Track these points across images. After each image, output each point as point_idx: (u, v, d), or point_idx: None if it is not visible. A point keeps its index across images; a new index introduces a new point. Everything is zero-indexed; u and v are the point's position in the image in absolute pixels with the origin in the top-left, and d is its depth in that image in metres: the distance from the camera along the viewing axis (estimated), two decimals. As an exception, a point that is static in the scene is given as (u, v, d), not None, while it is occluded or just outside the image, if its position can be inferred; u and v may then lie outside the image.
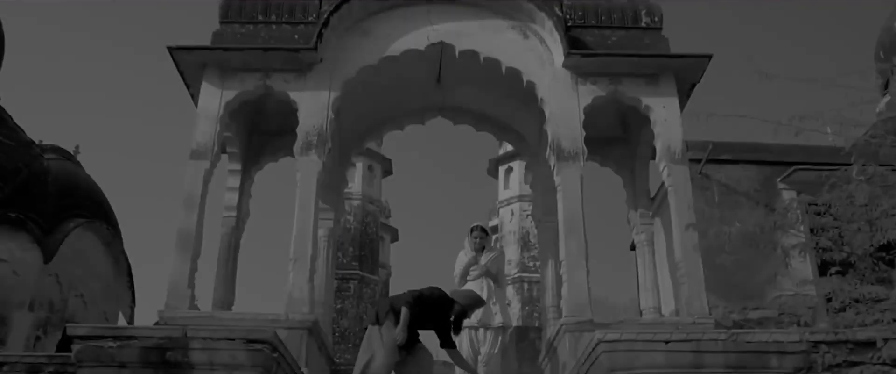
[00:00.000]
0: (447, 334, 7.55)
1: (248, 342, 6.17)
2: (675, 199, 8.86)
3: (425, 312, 7.29)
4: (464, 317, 7.65)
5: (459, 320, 7.60)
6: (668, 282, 10.20)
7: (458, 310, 7.53)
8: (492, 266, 9.06)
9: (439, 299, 7.46)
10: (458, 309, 7.53)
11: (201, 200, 8.89)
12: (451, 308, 7.49)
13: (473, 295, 7.88)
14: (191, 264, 8.56)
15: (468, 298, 7.71)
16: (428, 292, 7.46)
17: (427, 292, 7.44)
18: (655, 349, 6.19)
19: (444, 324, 7.51)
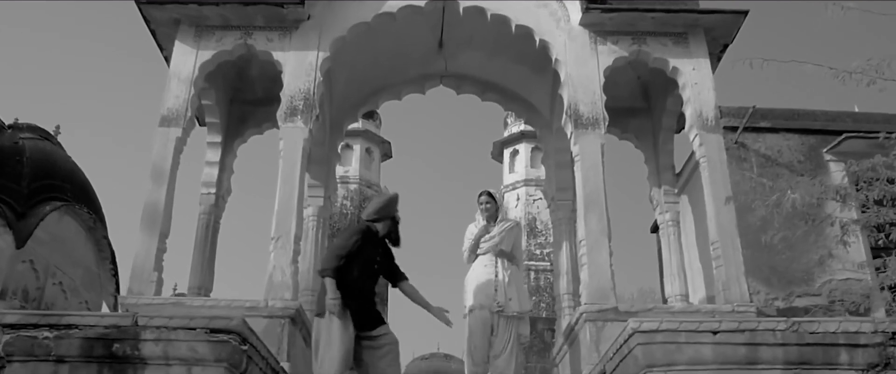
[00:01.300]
0: (392, 265, 6.52)
1: (211, 332, 5.13)
2: (709, 171, 7.82)
3: (355, 262, 6.13)
4: (392, 226, 6.46)
5: (392, 234, 6.48)
6: (697, 266, 9.17)
7: (375, 225, 6.38)
8: (505, 239, 7.53)
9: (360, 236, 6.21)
10: (374, 226, 6.37)
11: (171, 171, 7.86)
12: (374, 233, 6.36)
13: (379, 198, 6.86)
14: (158, 244, 7.54)
15: (374, 204, 6.56)
16: (340, 240, 6.28)
17: (340, 242, 6.26)
18: (701, 342, 5.15)
19: (385, 256, 6.45)
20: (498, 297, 7.23)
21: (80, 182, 15.07)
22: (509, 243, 7.59)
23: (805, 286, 7.57)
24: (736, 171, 8.02)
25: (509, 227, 7.70)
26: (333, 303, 5.90)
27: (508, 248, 7.56)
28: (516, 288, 7.32)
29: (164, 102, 8.14)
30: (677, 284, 8.96)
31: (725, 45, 8.59)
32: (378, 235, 6.39)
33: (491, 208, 7.67)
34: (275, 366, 6.11)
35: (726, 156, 7.95)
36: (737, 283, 7.32)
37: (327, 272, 6.03)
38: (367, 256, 6.24)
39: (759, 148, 8.14)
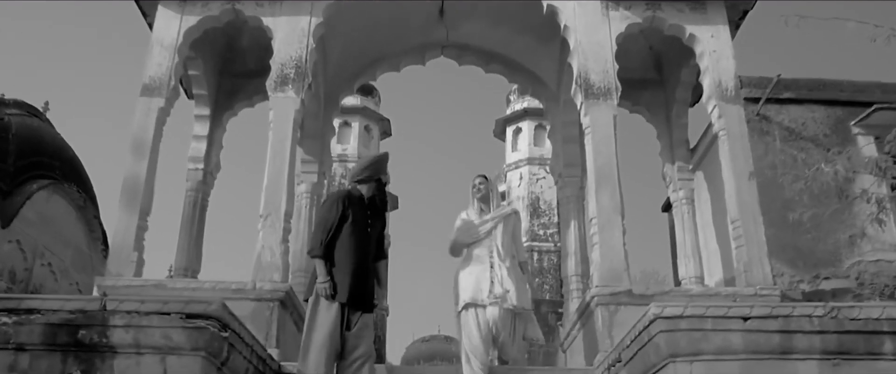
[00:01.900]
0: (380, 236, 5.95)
1: (187, 318, 4.63)
2: (729, 144, 7.31)
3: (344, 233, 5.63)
4: (377, 189, 5.82)
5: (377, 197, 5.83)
6: (713, 246, 8.66)
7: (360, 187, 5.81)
8: (500, 226, 6.61)
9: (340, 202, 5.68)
10: (356, 189, 5.81)
11: (153, 144, 7.36)
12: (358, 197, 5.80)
13: (366, 158, 6.46)
14: (138, 222, 7.03)
15: (360, 164, 6.02)
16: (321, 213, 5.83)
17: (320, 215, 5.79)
18: (730, 329, 4.65)
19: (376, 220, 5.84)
20: (494, 288, 6.36)
21: (70, 160, 14.54)
22: (507, 232, 6.68)
23: (832, 268, 7.06)
24: (758, 144, 7.49)
25: (506, 213, 6.79)
26: (323, 286, 5.43)
27: (506, 237, 6.65)
28: (515, 281, 6.42)
29: (145, 70, 7.63)
30: (692, 265, 8.46)
31: (745, 12, 8.07)
32: (363, 198, 5.81)
33: (483, 190, 6.80)
34: (261, 353, 5.62)
35: (747, 129, 7.43)
36: (759, 264, 6.84)
37: (314, 252, 5.58)
38: (356, 221, 5.67)
39: (783, 120, 7.60)
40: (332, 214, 5.62)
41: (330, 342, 5.43)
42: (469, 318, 6.24)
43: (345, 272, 5.54)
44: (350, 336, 5.56)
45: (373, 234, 5.78)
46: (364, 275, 5.60)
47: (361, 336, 5.56)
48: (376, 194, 5.81)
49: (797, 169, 6.85)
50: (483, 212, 6.76)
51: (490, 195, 6.83)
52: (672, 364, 4.69)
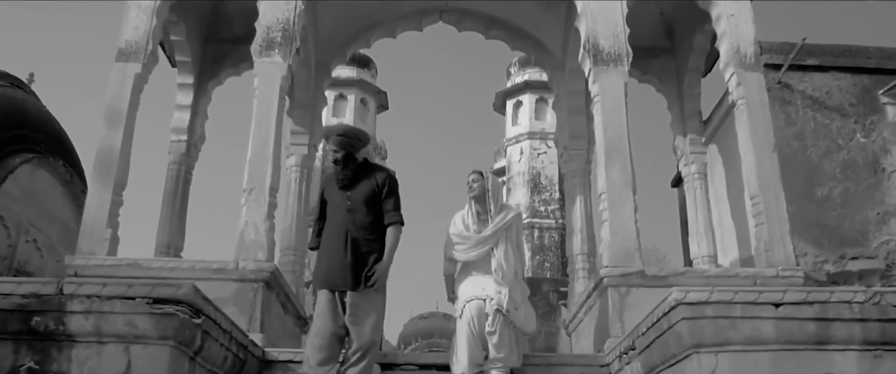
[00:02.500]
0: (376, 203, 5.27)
1: (154, 303, 4.14)
2: (748, 114, 6.79)
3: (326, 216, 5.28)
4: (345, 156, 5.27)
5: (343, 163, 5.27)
6: (728, 223, 8.17)
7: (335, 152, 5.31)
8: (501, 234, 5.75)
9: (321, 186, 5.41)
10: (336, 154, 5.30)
11: (129, 112, 6.83)
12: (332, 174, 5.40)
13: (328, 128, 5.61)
14: (112, 197, 6.53)
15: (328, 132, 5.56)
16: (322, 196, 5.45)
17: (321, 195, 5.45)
18: (761, 316, 4.17)
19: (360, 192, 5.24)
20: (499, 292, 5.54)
21: (56, 133, 14.02)
22: (510, 241, 5.81)
23: (860, 248, 6.58)
24: (778, 114, 6.97)
25: (508, 223, 5.83)
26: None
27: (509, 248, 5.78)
28: (521, 295, 5.65)
29: (121, 34, 7.09)
30: (704, 244, 7.97)
31: (765, -27, 7.51)
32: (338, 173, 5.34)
33: (477, 189, 5.89)
34: (242, 340, 5.14)
35: (768, 98, 6.91)
36: (781, 243, 6.35)
37: (309, 245, 5.44)
38: (333, 198, 5.33)
39: (806, 89, 7.08)
40: (317, 203, 5.38)
41: (321, 333, 5.07)
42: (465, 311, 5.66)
43: (322, 256, 5.21)
44: (347, 322, 5.10)
45: (355, 205, 5.23)
46: (340, 252, 5.11)
47: (356, 322, 5.06)
48: (340, 161, 5.27)
49: (821, 141, 6.37)
50: (480, 215, 5.91)
51: (486, 195, 5.92)
52: (696, 355, 4.22)
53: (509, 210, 5.99)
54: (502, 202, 6.04)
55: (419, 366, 5.87)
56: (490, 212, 5.88)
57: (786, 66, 6.95)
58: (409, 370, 5.87)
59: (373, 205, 5.22)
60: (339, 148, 5.26)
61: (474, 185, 5.94)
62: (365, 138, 5.38)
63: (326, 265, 5.14)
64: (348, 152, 5.27)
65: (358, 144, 5.30)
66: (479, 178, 5.96)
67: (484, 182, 5.94)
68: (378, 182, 5.26)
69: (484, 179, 5.97)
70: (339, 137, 5.27)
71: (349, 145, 5.28)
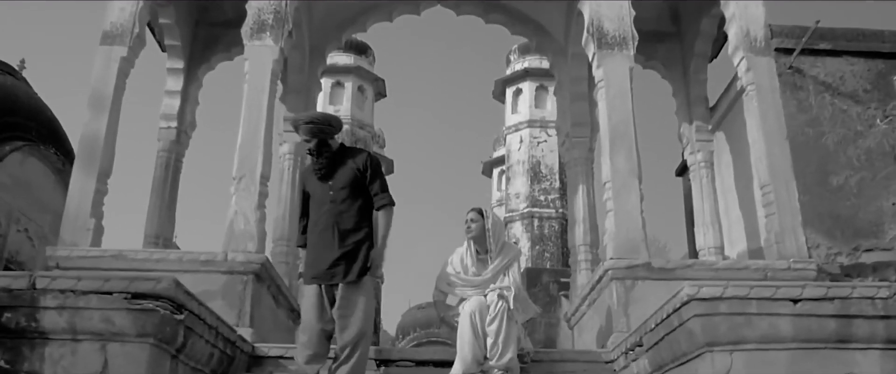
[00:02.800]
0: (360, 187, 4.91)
1: (133, 298, 3.90)
2: (758, 100, 6.54)
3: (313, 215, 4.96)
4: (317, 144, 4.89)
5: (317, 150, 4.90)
6: (736, 214, 7.92)
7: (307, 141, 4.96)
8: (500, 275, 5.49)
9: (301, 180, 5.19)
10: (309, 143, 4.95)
11: (114, 97, 6.58)
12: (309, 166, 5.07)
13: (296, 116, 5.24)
14: (97, 185, 6.28)
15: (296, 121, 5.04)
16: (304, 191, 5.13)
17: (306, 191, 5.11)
18: (778, 313, 3.93)
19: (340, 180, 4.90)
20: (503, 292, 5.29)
21: (48, 121, 13.75)
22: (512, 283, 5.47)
23: (874, 239, 6.32)
24: (790, 100, 6.70)
25: (506, 264, 5.53)
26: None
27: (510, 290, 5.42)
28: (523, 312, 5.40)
29: (106, 16, 6.83)
30: (711, 234, 7.73)
31: (776, -47, 7.24)
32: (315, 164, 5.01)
33: (476, 230, 5.56)
34: (229, 336, 4.89)
35: (779, 83, 6.65)
36: (792, 234, 6.11)
37: (297, 243, 5.24)
38: (313, 190, 5.00)
39: (818, 74, 6.81)
40: (299, 199, 5.17)
41: (308, 328, 4.80)
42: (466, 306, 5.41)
43: (310, 252, 4.92)
44: (336, 315, 4.82)
45: (338, 194, 4.88)
46: (329, 245, 4.80)
47: (345, 314, 4.75)
48: (314, 150, 4.92)
49: (838, 127, 6.12)
50: (479, 255, 5.63)
51: (486, 235, 5.59)
52: (709, 354, 3.97)
53: (510, 250, 5.72)
54: (504, 240, 5.75)
55: (416, 362, 5.63)
56: (490, 252, 5.61)
57: (798, 50, 6.68)
58: (405, 366, 5.64)
59: (357, 190, 4.89)
60: (311, 136, 4.91)
61: (473, 225, 5.63)
62: (336, 122, 5.02)
63: (314, 259, 4.87)
64: (321, 140, 4.92)
65: (329, 129, 4.93)
66: (478, 217, 5.65)
67: (483, 222, 5.63)
68: (359, 166, 4.89)
69: (484, 218, 5.66)
70: (309, 125, 4.89)
71: (320, 132, 4.91)
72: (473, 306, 5.36)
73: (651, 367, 4.78)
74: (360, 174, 4.88)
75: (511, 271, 5.59)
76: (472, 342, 5.20)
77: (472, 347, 5.20)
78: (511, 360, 5.24)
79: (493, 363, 5.18)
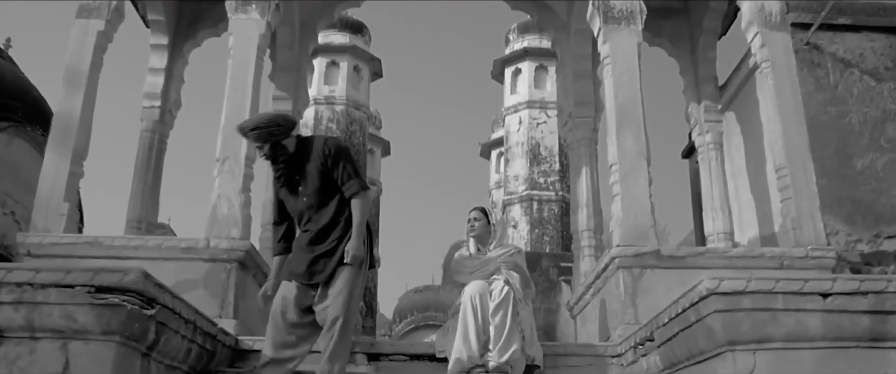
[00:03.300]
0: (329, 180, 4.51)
1: (97, 292, 3.55)
2: (774, 78, 6.17)
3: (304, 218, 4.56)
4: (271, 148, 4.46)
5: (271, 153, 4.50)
6: (746, 198, 7.56)
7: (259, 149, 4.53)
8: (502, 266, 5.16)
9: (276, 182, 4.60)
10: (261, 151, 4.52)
11: (91, 74, 6.20)
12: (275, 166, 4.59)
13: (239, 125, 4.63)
14: (71, 167, 5.91)
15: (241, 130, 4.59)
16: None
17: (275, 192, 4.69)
18: (806, 309, 3.58)
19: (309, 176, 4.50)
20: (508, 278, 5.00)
21: (33, 101, 13.36)
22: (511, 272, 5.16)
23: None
24: (807, 79, 6.33)
25: (507, 255, 5.21)
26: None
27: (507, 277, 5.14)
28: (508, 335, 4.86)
29: (82, -13, 6.41)
30: (720, 219, 7.39)
31: (792, -80, 6.83)
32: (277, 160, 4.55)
33: (478, 228, 5.26)
34: (209, 329, 4.54)
35: (795, 60, 6.29)
36: (810, 220, 5.77)
37: (274, 252, 4.82)
38: (288, 202, 4.59)
39: (837, 51, 6.43)
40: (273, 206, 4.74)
41: (272, 323, 4.49)
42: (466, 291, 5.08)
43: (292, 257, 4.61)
44: (317, 308, 4.48)
45: (312, 198, 4.48)
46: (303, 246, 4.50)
47: (324, 306, 4.40)
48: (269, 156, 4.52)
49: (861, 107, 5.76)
50: (480, 252, 5.34)
51: (488, 233, 5.32)
52: (730, 354, 3.62)
53: (510, 248, 5.36)
54: (506, 241, 5.45)
55: (409, 356, 5.28)
56: (490, 245, 5.31)
57: (815, 25, 6.30)
58: (398, 360, 5.29)
59: (330, 185, 4.49)
60: (261, 142, 4.46)
61: (476, 224, 5.31)
62: (285, 121, 4.53)
63: (294, 259, 4.54)
64: (273, 143, 4.46)
65: (279, 129, 4.44)
66: (481, 216, 5.34)
67: (486, 221, 5.33)
68: (321, 158, 4.45)
69: (486, 216, 5.35)
70: (255, 132, 4.43)
71: (269, 135, 4.42)
72: (474, 290, 5.02)
73: (663, 364, 4.44)
74: (325, 167, 4.45)
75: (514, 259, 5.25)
76: (473, 329, 4.85)
77: (475, 335, 4.84)
78: (514, 353, 4.90)
79: (494, 357, 4.84)
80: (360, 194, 4.47)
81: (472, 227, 5.34)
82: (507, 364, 4.86)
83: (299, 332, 4.47)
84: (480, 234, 5.32)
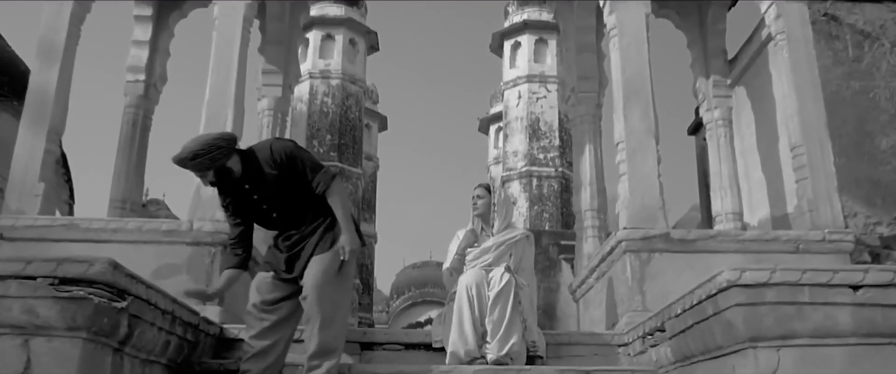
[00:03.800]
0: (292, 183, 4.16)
1: (60, 284, 3.25)
2: (790, 51, 5.85)
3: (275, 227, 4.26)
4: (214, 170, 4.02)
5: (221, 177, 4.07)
6: (757, 177, 7.25)
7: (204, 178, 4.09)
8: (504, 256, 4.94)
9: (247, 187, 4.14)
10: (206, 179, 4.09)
11: (67, 46, 5.87)
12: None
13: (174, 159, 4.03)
14: (46, 145, 5.60)
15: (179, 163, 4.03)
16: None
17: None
18: (835, 302, 3.29)
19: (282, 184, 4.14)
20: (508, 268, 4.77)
21: (21, 75, 13.01)
22: (514, 262, 4.95)
23: (918, 207, 5.69)
24: (824, 52, 6.00)
25: (513, 240, 4.98)
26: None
27: (514, 263, 4.95)
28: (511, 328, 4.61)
29: (57, -46, 6.04)
30: (729, 199, 7.07)
31: None
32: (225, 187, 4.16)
33: (482, 206, 5.04)
34: (190, 319, 4.25)
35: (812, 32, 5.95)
36: (827, 201, 5.48)
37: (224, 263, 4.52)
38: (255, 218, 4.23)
39: (856, 22, 6.10)
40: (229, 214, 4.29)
41: (250, 317, 4.16)
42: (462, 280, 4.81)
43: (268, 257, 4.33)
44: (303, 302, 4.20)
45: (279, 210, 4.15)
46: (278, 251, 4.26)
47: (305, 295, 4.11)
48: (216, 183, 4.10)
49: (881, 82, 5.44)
50: (484, 233, 5.11)
51: (491, 211, 5.07)
52: (751, 350, 3.33)
53: (516, 230, 5.12)
54: (511, 221, 5.18)
55: (405, 345, 5.02)
56: (493, 226, 5.06)
57: (833, -5, 5.97)
58: (392, 349, 5.02)
59: (290, 188, 4.14)
60: (204, 170, 4.01)
61: (479, 201, 5.08)
62: (223, 140, 4.06)
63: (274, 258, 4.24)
64: (218, 168, 4.03)
65: (220, 152, 3.98)
66: (485, 193, 5.10)
67: (490, 198, 5.09)
68: (274, 166, 4.07)
69: (490, 194, 5.11)
70: (195, 161, 3.96)
71: (212, 161, 3.96)
72: (470, 280, 4.75)
73: (674, 357, 4.15)
74: (282, 175, 4.09)
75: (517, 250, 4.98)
76: (469, 322, 4.59)
77: (471, 328, 4.59)
78: (514, 345, 4.63)
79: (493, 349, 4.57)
80: (333, 185, 4.11)
81: (474, 205, 5.12)
82: (506, 356, 4.59)
83: (276, 316, 4.16)
84: (484, 212, 5.09)
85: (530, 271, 5.18)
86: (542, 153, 18.71)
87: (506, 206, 5.15)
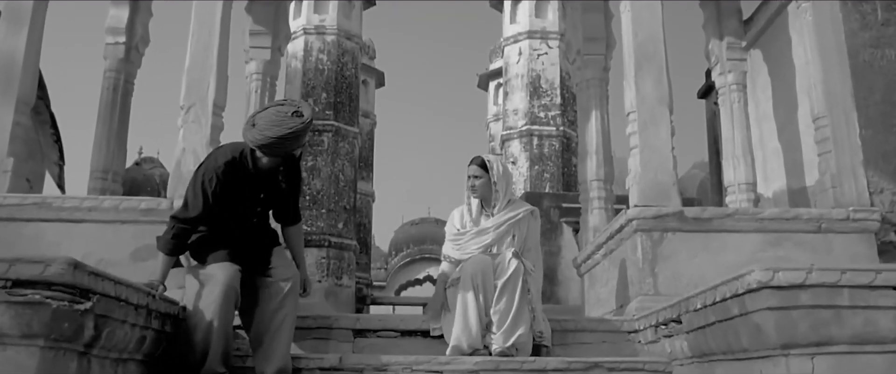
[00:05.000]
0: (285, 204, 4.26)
1: (14, 287, 2.91)
2: (813, 14, 5.44)
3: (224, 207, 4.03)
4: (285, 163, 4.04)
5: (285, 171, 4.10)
6: (773, 146, 6.89)
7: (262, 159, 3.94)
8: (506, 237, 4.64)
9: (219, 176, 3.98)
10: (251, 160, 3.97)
11: (36, 7, 5.46)
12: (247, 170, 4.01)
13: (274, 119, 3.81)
14: (15, 116, 5.22)
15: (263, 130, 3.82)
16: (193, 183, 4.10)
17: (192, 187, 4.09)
18: (877, 306, 2.96)
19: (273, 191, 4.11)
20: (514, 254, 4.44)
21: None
22: (518, 244, 4.65)
23: (947, 181, 5.34)
24: (851, 14, 5.60)
25: (515, 218, 4.64)
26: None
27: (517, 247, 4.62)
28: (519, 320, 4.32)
29: None
30: (742, 169, 6.68)
31: None
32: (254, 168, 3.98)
33: (479, 186, 4.67)
34: (167, 310, 3.94)
35: (837, -5, 5.54)
36: (852, 177, 5.13)
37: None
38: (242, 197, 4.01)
39: (884, -16, 5.71)
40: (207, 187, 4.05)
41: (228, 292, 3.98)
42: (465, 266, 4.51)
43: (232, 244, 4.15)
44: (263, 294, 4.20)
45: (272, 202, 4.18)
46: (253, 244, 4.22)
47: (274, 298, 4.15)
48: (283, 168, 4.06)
49: None
50: (483, 210, 4.77)
51: (491, 190, 4.72)
52: (783, 358, 3.01)
53: (520, 206, 4.78)
54: (513, 198, 4.84)
55: (400, 332, 4.72)
56: (494, 207, 4.72)
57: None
58: (387, 337, 4.72)
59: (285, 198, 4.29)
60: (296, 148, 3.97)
61: (477, 183, 4.70)
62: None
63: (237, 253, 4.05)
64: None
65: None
66: (482, 172, 4.70)
67: (488, 176, 4.70)
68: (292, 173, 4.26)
69: (488, 172, 4.71)
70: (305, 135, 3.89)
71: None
72: (476, 268, 4.43)
73: (691, 352, 3.85)
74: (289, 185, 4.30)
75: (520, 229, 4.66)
76: (474, 314, 4.30)
77: (476, 320, 4.30)
78: (521, 336, 4.33)
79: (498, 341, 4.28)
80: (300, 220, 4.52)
81: (472, 186, 4.73)
82: (512, 348, 4.29)
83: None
84: (484, 194, 4.74)
85: (537, 250, 4.86)
86: (542, 112, 18.24)
87: (505, 181, 4.78)
